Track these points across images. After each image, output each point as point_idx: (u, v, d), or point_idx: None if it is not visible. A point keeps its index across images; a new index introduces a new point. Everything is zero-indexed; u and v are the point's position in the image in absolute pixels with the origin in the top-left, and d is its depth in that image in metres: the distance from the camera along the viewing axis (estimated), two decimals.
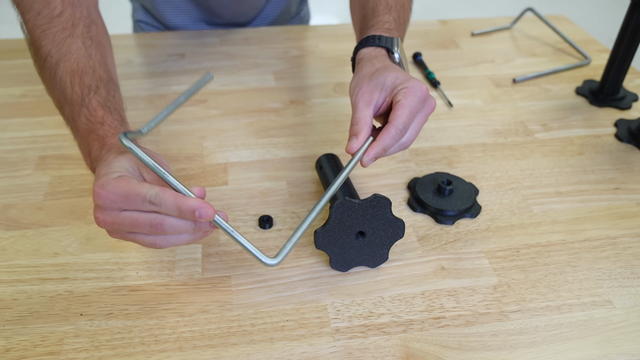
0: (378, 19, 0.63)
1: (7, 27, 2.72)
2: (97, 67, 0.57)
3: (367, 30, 0.63)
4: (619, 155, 0.74)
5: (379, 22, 0.63)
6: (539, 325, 0.52)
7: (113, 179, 0.45)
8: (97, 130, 0.53)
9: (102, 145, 0.51)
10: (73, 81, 0.56)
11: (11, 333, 0.50)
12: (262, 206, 0.65)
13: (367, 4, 0.67)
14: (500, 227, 0.63)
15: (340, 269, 0.56)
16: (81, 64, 0.57)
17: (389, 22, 0.63)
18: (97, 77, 0.56)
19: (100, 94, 0.55)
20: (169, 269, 0.57)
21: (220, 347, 0.49)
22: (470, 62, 0.96)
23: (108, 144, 0.51)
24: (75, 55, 0.57)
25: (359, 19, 0.68)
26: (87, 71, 0.56)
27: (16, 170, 0.69)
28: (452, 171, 0.70)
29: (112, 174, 0.45)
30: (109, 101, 0.55)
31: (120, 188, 0.44)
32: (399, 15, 0.66)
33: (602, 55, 0.98)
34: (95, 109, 0.54)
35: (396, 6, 0.66)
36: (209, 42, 0.99)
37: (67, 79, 0.56)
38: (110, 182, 0.45)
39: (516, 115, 0.82)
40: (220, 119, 0.79)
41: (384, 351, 0.49)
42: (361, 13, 0.68)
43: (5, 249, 0.58)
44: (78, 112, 0.54)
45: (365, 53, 0.60)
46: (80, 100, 0.55)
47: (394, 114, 0.53)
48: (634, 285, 0.56)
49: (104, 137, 0.52)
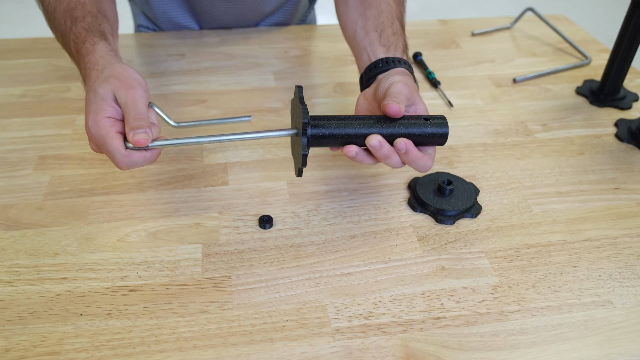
0: (401, 40, 0.66)
1: (7, 27, 2.72)
2: (87, 2, 0.64)
3: (400, 50, 0.65)
4: (620, 155, 0.74)
5: (404, 47, 0.66)
6: (539, 326, 0.52)
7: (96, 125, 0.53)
8: (80, 49, 0.60)
9: (84, 65, 0.59)
10: (65, 17, 0.63)
11: (11, 333, 0.50)
12: (262, 206, 0.65)
13: (380, 17, 0.67)
14: (501, 227, 0.63)
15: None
16: (72, 2, 0.64)
17: (407, 47, 0.67)
18: (85, 10, 0.63)
19: (86, 21, 0.62)
20: (169, 269, 0.57)
21: (220, 347, 0.49)
22: (470, 62, 0.96)
23: (89, 63, 0.58)
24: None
25: (372, 29, 0.67)
26: (77, 7, 0.64)
27: (16, 170, 0.69)
28: (452, 171, 0.70)
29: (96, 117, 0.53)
30: (93, 26, 0.62)
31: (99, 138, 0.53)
32: (406, 39, 0.69)
33: (603, 55, 0.98)
34: (79, 32, 0.61)
35: (404, 26, 0.70)
36: (209, 42, 0.99)
37: (61, 18, 0.64)
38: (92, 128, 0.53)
39: (516, 115, 0.82)
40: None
41: (384, 351, 0.49)
42: (375, 24, 0.67)
43: (5, 249, 0.58)
44: (68, 40, 0.62)
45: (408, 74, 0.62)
46: (69, 29, 0.62)
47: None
48: (634, 285, 0.56)
49: (86, 55, 0.59)
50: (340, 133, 0.56)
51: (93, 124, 0.53)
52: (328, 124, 0.56)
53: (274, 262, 0.58)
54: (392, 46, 0.65)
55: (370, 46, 0.66)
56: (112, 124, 0.53)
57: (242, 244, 0.60)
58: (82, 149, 0.73)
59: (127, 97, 0.53)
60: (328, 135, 0.56)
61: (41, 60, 0.93)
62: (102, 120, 0.53)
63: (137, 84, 0.55)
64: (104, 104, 0.53)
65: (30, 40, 0.98)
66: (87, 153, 0.72)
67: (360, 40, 0.67)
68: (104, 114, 0.53)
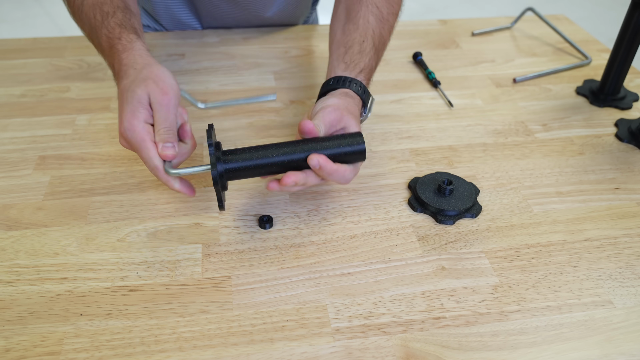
0: (365, 62, 0.67)
1: (7, 27, 2.72)
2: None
3: (357, 71, 0.65)
4: (620, 155, 0.74)
5: (366, 68, 0.66)
6: (540, 326, 0.52)
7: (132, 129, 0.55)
8: (115, 45, 0.62)
9: (120, 60, 0.60)
10: (95, 12, 0.66)
11: (11, 333, 0.50)
12: (262, 206, 0.65)
13: (353, 33, 0.68)
14: (501, 227, 0.63)
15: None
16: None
17: (371, 70, 0.68)
18: (114, 5, 0.66)
19: (117, 16, 0.64)
20: (169, 269, 0.57)
21: (220, 347, 0.49)
22: (470, 62, 0.95)
23: (127, 59, 0.60)
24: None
25: (342, 44, 0.68)
26: (105, 1, 0.66)
27: (16, 170, 0.69)
28: (452, 171, 0.70)
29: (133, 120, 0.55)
30: (125, 21, 0.64)
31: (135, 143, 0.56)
32: (378, 59, 0.70)
33: (603, 55, 0.98)
34: (113, 27, 0.63)
35: (379, 48, 0.70)
36: (209, 42, 0.99)
37: (90, 12, 0.66)
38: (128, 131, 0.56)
39: (516, 115, 0.82)
40: (221, 118, 0.79)
41: (384, 351, 0.49)
42: (346, 40, 0.68)
43: (5, 249, 0.58)
44: (100, 34, 0.64)
45: (352, 97, 0.63)
46: (100, 24, 0.64)
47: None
48: (635, 286, 0.56)
49: (122, 51, 0.61)
50: (253, 165, 0.55)
51: (129, 127, 0.55)
52: (238, 157, 0.55)
53: (274, 262, 0.58)
54: (352, 64, 0.66)
55: (335, 61, 0.68)
56: (147, 131, 0.56)
57: (242, 244, 0.60)
58: (82, 149, 0.73)
59: (160, 104, 0.56)
60: (241, 168, 0.55)
61: (41, 60, 0.93)
62: (138, 126, 0.55)
63: (171, 90, 0.56)
64: (140, 106, 0.56)
65: (30, 40, 0.98)
66: (87, 153, 0.72)
67: (331, 54, 0.70)
68: (139, 117, 0.55)
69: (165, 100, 0.56)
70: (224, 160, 0.55)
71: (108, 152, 0.72)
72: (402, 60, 0.95)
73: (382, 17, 0.71)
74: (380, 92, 0.86)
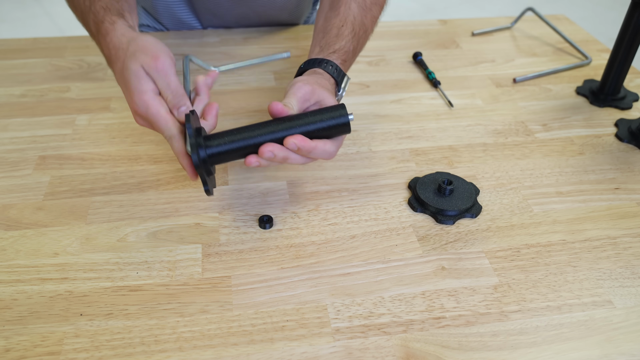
0: (341, 44, 0.67)
1: (7, 27, 2.72)
2: None
3: (329, 51, 0.66)
4: (620, 155, 0.74)
5: (341, 49, 0.67)
6: (540, 326, 0.52)
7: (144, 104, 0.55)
8: (100, 29, 0.62)
9: (107, 45, 0.60)
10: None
11: (11, 333, 0.50)
12: (262, 206, 0.65)
13: (333, 19, 0.69)
14: (501, 227, 0.63)
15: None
16: None
17: (347, 53, 0.68)
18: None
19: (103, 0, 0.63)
20: (169, 269, 0.57)
21: (220, 347, 0.49)
22: (470, 62, 0.95)
23: (112, 43, 0.59)
24: None
25: (322, 30, 0.70)
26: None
27: (16, 170, 0.69)
28: (452, 171, 0.70)
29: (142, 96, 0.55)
30: (110, 4, 0.63)
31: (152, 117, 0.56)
32: (358, 44, 0.70)
33: (603, 55, 0.98)
34: (98, 11, 0.63)
35: (359, 34, 0.70)
36: (209, 42, 0.99)
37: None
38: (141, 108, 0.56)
39: (516, 115, 0.82)
40: (221, 118, 0.79)
41: (384, 351, 0.49)
42: (325, 26, 0.70)
43: (5, 249, 0.58)
44: (88, 19, 0.64)
45: (321, 74, 0.63)
46: (88, 9, 0.64)
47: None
48: (635, 286, 0.56)
49: (105, 34, 0.60)
50: (235, 147, 0.55)
51: (141, 104, 0.55)
52: (219, 142, 0.55)
53: (274, 262, 0.58)
54: (326, 47, 0.67)
55: (312, 47, 0.69)
56: (160, 102, 0.56)
57: (242, 244, 0.60)
58: (82, 149, 0.73)
59: (156, 69, 0.55)
60: (222, 152, 0.55)
61: (41, 60, 0.93)
62: (149, 100, 0.55)
63: (162, 53, 0.56)
64: (141, 80, 0.55)
65: (30, 40, 0.98)
66: (87, 153, 0.72)
67: (312, 39, 0.72)
68: (145, 90, 0.55)
69: (159, 65, 0.55)
70: (205, 145, 0.55)
71: (108, 152, 0.72)
72: (402, 60, 0.95)
73: (365, 5, 0.72)
74: (380, 92, 0.86)
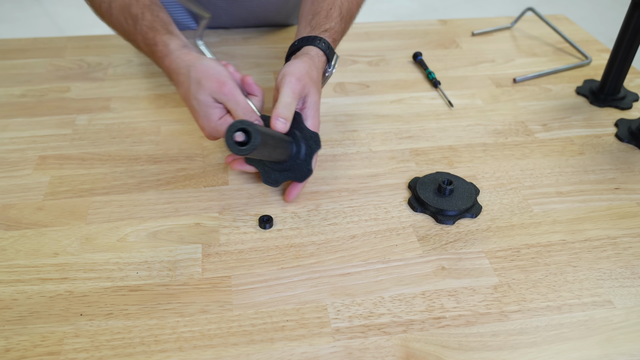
0: (331, 25, 0.70)
1: (7, 27, 2.72)
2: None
3: (321, 30, 0.69)
4: (620, 155, 0.74)
5: (331, 29, 0.69)
6: (540, 326, 0.52)
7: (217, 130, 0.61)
8: (154, 52, 0.65)
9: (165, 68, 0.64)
10: (125, 16, 0.67)
11: (11, 333, 0.50)
12: (262, 206, 0.65)
13: (321, 2, 0.71)
14: (501, 227, 0.63)
15: (271, 185, 0.64)
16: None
17: (337, 33, 0.70)
18: (140, 4, 0.67)
19: (146, 18, 0.66)
20: (169, 269, 0.57)
21: (220, 347, 0.49)
22: (470, 62, 0.95)
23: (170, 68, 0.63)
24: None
25: (310, 12, 0.72)
26: (131, 3, 0.67)
27: (16, 170, 0.69)
28: (452, 171, 0.70)
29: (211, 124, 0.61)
30: (155, 22, 0.65)
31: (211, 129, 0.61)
32: (345, 27, 0.73)
33: (603, 55, 0.98)
34: (146, 32, 0.65)
35: (346, 17, 0.73)
36: (209, 42, 0.99)
37: (121, 16, 0.68)
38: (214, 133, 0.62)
39: (516, 115, 0.82)
40: None
41: (384, 351, 0.49)
42: (314, 8, 0.72)
43: (5, 249, 0.58)
44: (137, 40, 0.67)
45: (312, 52, 0.66)
46: (133, 29, 0.66)
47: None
48: (635, 286, 0.56)
49: (163, 58, 0.64)
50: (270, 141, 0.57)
51: (211, 130, 0.61)
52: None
53: (274, 262, 0.58)
54: (317, 26, 0.69)
55: (302, 27, 0.71)
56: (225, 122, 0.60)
57: (242, 244, 0.60)
58: (82, 149, 0.73)
59: (226, 95, 0.59)
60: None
61: (41, 60, 0.93)
62: (218, 125, 0.60)
63: (226, 78, 0.59)
64: (209, 109, 0.60)
65: (30, 40, 0.98)
66: (87, 153, 0.72)
67: (300, 22, 0.73)
68: (215, 118, 0.60)
69: (226, 89, 0.59)
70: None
71: (108, 152, 0.72)
72: (402, 60, 0.95)
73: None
74: (380, 92, 0.86)
